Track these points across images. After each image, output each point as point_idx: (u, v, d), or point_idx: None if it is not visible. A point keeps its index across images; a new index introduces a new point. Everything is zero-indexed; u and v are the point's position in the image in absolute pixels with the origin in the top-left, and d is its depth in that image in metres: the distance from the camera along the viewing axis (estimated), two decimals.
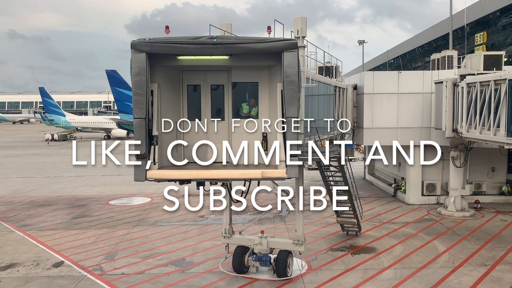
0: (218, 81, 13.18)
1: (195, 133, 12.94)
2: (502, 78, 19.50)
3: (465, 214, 25.72)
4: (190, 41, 11.24)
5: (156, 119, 11.81)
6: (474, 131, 22.07)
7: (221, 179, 12.01)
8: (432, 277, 16.90)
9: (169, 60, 12.11)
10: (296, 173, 11.55)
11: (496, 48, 70.92)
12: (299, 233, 16.98)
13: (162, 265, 18.39)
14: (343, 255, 19.46)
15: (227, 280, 16.88)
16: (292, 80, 11.22)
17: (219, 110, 13.39)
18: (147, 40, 11.29)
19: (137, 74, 11.22)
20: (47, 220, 25.95)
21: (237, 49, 11.46)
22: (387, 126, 28.32)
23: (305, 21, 16.20)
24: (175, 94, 13.09)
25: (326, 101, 22.17)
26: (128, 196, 32.21)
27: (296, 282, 16.64)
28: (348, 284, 16.36)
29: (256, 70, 12.75)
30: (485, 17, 69.34)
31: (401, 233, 22.52)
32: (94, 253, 19.97)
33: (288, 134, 11.47)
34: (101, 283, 16.67)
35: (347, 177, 18.74)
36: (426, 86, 27.96)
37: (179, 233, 23.01)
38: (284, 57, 11.22)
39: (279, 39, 11.65)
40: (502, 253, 19.34)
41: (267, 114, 12.67)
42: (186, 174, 11.57)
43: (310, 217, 26.13)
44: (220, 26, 16.55)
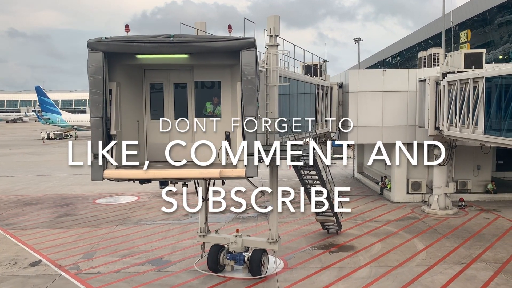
0: (181, 80, 13.17)
1: (158, 132, 12.94)
2: (480, 76, 19.50)
3: (449, 212, 25.72)
4: (146, 40, 11.24)
5: (115, 118, 11.80)
6: (454, 129, 22.10)
7: (179, 178, 12.02)
8: (406, 275, 16.91)
9: (128, 59, 12.09)
10: (255, 172, 11.54)
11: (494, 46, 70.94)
12: (273, 232, 17.00)
13: (139, 264, 18.41)
14: (321, 253, 19.48)
15: (201, 279, 16.90)
16: (250, 79, 11.21)
17: (182, 109, 13.36)
18: (103, 39, 11.29)
19: (93, 73, 11.22)
20: (31, 219, 25.98)
21: (194, 47, 11.45)
22: (372, 124, 28.32)
23: (278, 20, 16.17)
24: (137, 93, 13.08)
25: (307, 100, 22.16)
26: (115, 194, 32.20)
27: (270, 281, 16.67)
28: (321, 282, 16.37)
29: (218, 68, 12.74)
30: (483, 15, 69.25)
31: (382, 232, 22.53)
32: (73, 252, 20.00)
33: (246, 133, 11.46)
34: (76, 282, 16.70)
35: (323, 176, 18.71)
36: (411, 85, 27.94)
37: (160, 231, 23.04)
38: (241, 56, 11.21)
39: (236, 38, 11.64)
40: (479, 251, 19.35)
41: (230, 113, 12.65)
42: (143, 174, 11.57)
43: (294, 215, 26.16)
44: (194, 24, 16.53)
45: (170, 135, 12.89)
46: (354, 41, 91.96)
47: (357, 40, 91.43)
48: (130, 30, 11.66)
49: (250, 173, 11.51)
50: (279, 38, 17.14)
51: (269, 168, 16.81)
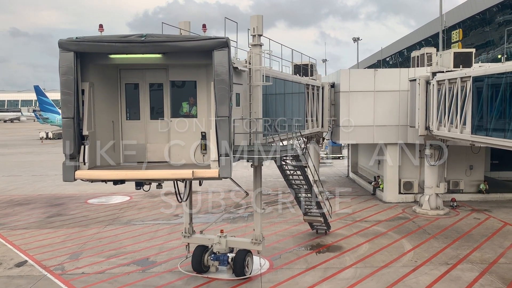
0: (157, 80, 13.09)
1: (133, 133, 12.87)
2: (467, 75, 19.38)
3: (439, 212, 25.61)
4: (117, 40, 11.17)
5: (87, 119, 11.74)
6: (443, 128, 21.98)
7: (151, 179, 11.94)
8: (391, 276, 16.82)
9: (102, 59, 12.02)
10: (229, 173, 11.45)
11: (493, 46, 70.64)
12: (257, 233, 16.93)
13: (124, 265, 18.36)
14: (308, 253, 19.40)
15: (185, 279, 16.84)
16: (222, 79, 11.13)
17: (158, 109, 13.29)
18: (74, 39, 11.23)
19: (64, 73, 11.17)
20: (21, 219, 25.97)
21: (166, 47, 11.37)
22: (363, 124, 28.23)
23: (261, 19, 16.08)
24: (112, 93, 13.00)
25: (295, 100, 22.06)
26: (108, 194, 32.17)
27: (254, 282, 16.60)
28: (305, 283, 16.29)
29: (193, 68, 12.65)
30: (482, 14, 68.99)
31: (371, 232, 22.43)
32: (59, 252, 19.97)
33: (220, 133, 11.37)
34: (59, 283, 16.66)
35: (308, 177, 18.63)
36: (402, 84, 27.82)
37: (149, 232, 23.00)
38: (214, 55, 11.13)
39: (209, 37, 11.55)
40: (467, 252, 19.25)
41: (206, 113, 12.57)
42: (114, 175, 11.51)
43: (284, 215, 26.19)
44: (178, 24, 16.47)
45: (146, 136, 12.82)
46: (353, 41, 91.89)
47: (356, 39, 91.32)
48: (104, 30, 11.59)
49: (224, 174, 11.42)
50: (265, 38, 17.15)
51: (253, 168, 16.75)
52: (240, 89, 15.10)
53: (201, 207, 28.33)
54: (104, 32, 11.65)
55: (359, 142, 31.13)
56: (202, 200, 30.43)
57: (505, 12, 65.60)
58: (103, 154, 11.39)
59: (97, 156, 11.75)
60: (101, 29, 11.65)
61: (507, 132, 16.43)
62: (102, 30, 11.63)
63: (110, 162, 11.61)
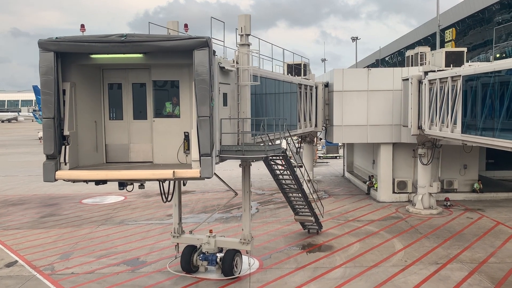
0: (140, 80, 13.08)
1: (116, 133, 12.86)
2: (457, 74, 19.35)
3: (433, 212, 25.58)
4: (97, 40, 11.16)
5: (68, 119, 11.72)
6: (435, 128, 21.95)
7: (131, 179, 11.92)
8: (380, 276, 16.79)
9: (83, 59, 12.01)
10: (210, 173, 11.43)
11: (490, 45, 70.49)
12: (246, 232, 16.92)
13: (114, 265, 18.36)
14: (298, 253, 19.38)
15: (174, 280, 16.82)
16: (203, 79, 11.11)
17: (142, 109, 13.27)
18: (54, 39, 11.23)
19: (45, 74, 11.17)
20: (14, 219, 25.98)
21: (146, 47, 11.36)
22: (357, 123, 28.21)
23: (249, 19, 16.07)
24: (95, 93, 12.99)
25: (287, 99, 22.04)
26: (102, 194, 32.17)
27: (242, 281, 16.58)
28: (293, 283, 16.27)
29: (176, 68, 12.64)
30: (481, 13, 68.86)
31: (363, 231, 22.41)
32: (50, 252, 19.97)
33: (201, 133, 11.35)
34: (48, 283, 16.64)
35: (297, 176, 18.60)
36: (396, 83, 27.80)
37: (141, 232, 23.00)
38: (194, 55, 11.11)
39: (189, 37, 11.52)
40: (457, 251, 19.22)
41: (189, 113, 12.55)
42: (94, 175, 11.49)
43: (277, 215, 26.18)
44: (167, 24, 16.47)
45: (129, 136, 12.80)
46: (352, 40, 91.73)
47: (355, 39, 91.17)
48: (85, 30, 11.59)
49: (205, 174, 11.40)
50: (255, 38, 17.15)
51: (241, 168, 16.75)
52: (227, 88, 15.09)
53: (194, 207, 28.36)
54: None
55: (352, 142, 31.17)
56: (197, 200, 30.48)
57: (503, 12, 65.52)
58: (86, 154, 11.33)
59: (79, 156, 11.73)
60: (83, 29, 11.64)
61: (496, 131, 16.40)
62: (84, 30, 11.62)
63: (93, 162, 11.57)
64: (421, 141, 25.25)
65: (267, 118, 16.09)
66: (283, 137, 18.11)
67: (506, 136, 15.96)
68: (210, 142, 11.31)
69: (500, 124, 16.32)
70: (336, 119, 28.37)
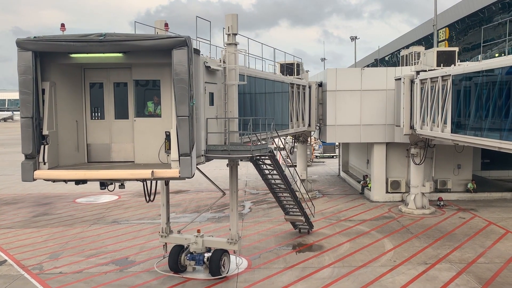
0: (121, 79, 13.03)
1: (98, 132, 12.83)
2: (447, 74, 19.31)
3: (425, 212, 25.53)
4: (75, 39, 11.13)
5: (47, 118, 11.68)
6: (426, 127, 21.91)
7: (110, 179, 11.89)
8: (368, 276, 16.75)
9: (63, 58, 11.97)
10: (189, 173, 11.39)
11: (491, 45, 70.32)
12: (233, 232, 16.89)
13: (103, 264, 18.34)
14: (288, 253, 19.34)
15: (161, 279, 16.80)
16: (181, 78, 11.07)
17: (123, 108, 13.23)
18: (32, 38, 11.20)
19: (23, 73, 11.14)
20: (6, 218, 25.99)
21: (125, 46, 11.32)
22: (350, 123, 28.17)
23: (236, 18, 16.03)
24: (76, 93, 12.95)
25: (278, 99, 22.00)
26: (97, 194, 32.16)
27: (229, 281, 16.55)
28: (280, 283, 16.23)
29: (156, 67, 12.60)
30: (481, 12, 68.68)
31: (354, 231, 22.37)
32: (40, 252, 19.96)
33: (180, 133, 11.32)
34: (35, 282, 16.63)
35: (286, 176, 18.56)
36: (389, 83, 27.75)
37: (133, 231, 22.99)
38: (173, 54, 11.07)
39: (167, 36, 11.49)
40: (447, 252, 19.17)
41: (171, 112, 12.50)
42: (73, 174, 11.47)
43: (269, 214, 26.15)
44: (155, 23, 16.43)
45: (111, 135, 12.78)
46: (351, 39, 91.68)
47: (354, 38, 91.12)
48: (66, 29, 11.57)
49: (184, 174, 11.36)
50: (243, 37, 17.12)
51: (228, 168, 16.72)
52: (214, 88, 15.06)
53: (187, 206, 28.35)
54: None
55: (346, 141, 31.17)
56: (190, 199, 30.46)
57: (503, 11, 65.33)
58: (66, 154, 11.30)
59: (59, 156, 11.70)
60: (63, 28, 11.61)
61: (484, 131, 16.35)
62: (64, 29, 11.60)
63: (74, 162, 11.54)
64: (414, 140, 25.21)
65: (254, 118, 16.01)
66: (271, 136, 18.05)
67: (494, 136, 15.92)
68: (189, 142, 11.26)
69: (488, 124, 16.28)
70: (329, 118, 28.33)
